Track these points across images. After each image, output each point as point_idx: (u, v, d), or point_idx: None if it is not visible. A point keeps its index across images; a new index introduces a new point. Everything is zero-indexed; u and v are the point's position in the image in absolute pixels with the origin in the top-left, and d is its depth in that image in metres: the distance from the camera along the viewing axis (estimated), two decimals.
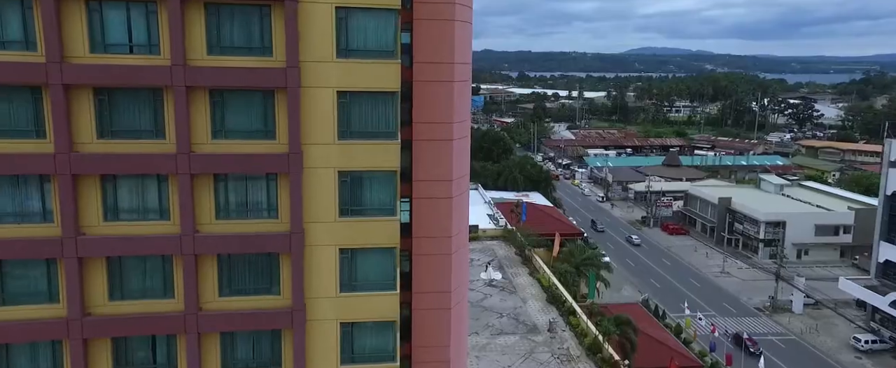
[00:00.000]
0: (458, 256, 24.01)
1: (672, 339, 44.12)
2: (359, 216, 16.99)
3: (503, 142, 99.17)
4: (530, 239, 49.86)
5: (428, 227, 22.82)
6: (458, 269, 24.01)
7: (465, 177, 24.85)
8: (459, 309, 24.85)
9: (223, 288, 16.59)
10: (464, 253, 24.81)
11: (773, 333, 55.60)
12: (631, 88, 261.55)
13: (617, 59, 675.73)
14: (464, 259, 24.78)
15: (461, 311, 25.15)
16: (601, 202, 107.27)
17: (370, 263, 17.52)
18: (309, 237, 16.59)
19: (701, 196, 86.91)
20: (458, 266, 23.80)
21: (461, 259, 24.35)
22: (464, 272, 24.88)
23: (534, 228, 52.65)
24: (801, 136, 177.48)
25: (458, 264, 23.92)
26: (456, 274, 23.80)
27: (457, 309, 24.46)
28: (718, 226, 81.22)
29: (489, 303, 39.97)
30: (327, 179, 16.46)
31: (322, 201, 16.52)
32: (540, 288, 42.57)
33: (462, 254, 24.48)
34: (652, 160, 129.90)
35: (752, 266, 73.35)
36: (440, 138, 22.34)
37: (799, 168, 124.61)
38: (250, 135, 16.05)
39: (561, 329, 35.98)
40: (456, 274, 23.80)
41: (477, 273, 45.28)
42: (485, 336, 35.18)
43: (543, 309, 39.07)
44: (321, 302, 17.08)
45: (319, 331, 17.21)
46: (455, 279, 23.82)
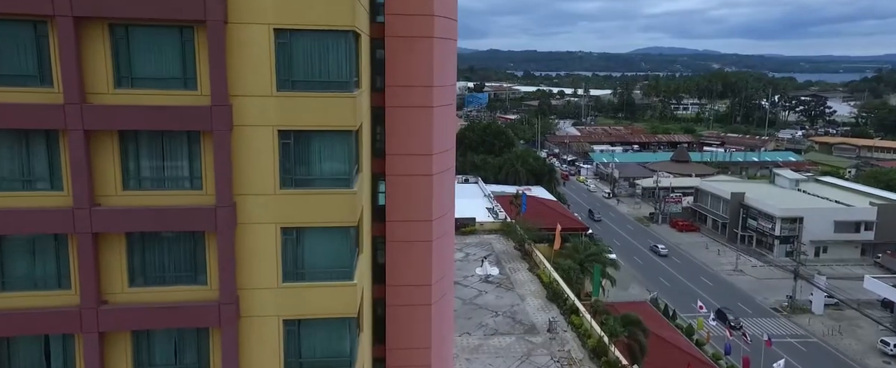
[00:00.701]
0: (441, 243, 20.64)
1: (684, 340, 40.61)
2: (306, 187, 13.64)
3: (505, 136, 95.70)
4: (531, 233, 46.48)
5: (404, 209, 19.54)
6: (441, 258, 20.64)
7: (450, 153, 21.50)
8: (442, 306, 21.47)
9: (134, 276, 13.29)
10: (447, 239, 21.44)
11: (793, 335, 51.90)
12: (637, 86, 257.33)
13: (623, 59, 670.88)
14: (447, 246, 21.40)
15: (444, 308, 21.77)
16: (607, 198, 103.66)
17: (321, 246, 14.15)
18: (242, 212, 13.29)
19: (712, 191, 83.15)
20: (440, 254, 20.45)
21: (444, 246, 20.98)
22: (447, 262, 21.51)
23: (535, 221, 49.25)
24: (813, 133, 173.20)
25: (441, 252, 20.56)
26: (438, 264, 20.43)
27: (439, 306, 21.08)
28: (731, 223, 77.46)
29: (484, 301, 36.63)
30: (264, 139, 13.17)
31: (258, 167, 13.20)
32: (540, 284, 39.19)
33: (445, 241, 21.11)
34: (659, 156, 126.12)
35: (767, 264, 69.56)
36: (418, 105, 19.07)
37: (812, 164, 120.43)
38: (165, 85, 12.81)
39: (562, 330, 32.61)
40: (438, 264, 20.43)
41: (472, 268, 41.95)
42: (477, 337, 31.84)
43: (543, 308, 35.69)
44: (259, 295, 13.76)
45: (257, 330, 13.89)
46: (437, 270, 20.46)
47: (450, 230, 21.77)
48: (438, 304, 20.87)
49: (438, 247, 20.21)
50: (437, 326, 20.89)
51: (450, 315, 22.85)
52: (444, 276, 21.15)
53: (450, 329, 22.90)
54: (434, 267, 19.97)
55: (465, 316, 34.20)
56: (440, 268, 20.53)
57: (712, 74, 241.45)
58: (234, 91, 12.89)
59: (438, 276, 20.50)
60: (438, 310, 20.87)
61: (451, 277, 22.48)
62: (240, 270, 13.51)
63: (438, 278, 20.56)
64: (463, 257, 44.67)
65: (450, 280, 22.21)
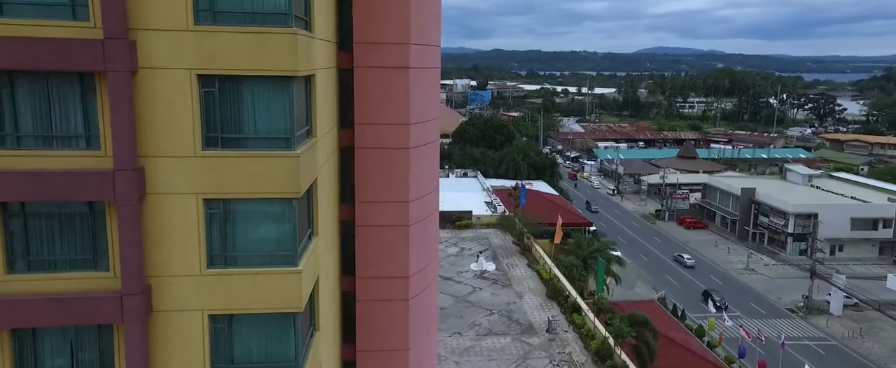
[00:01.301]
0: (421, 229, 17.77)
1: (695, 342, 37.64)
2: (235, 149, 10.85)
3: (506, 130, 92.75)
4: (530, 227, 43.59)
5: (375, 188, 16.74)
6: (421, 247, 17.78)
7: (431, 124, 18.63)
8: (423, 302, 18.58)
9: (14, 261, 10.51)
10: (429, 225, 18.57)
11: (810, 337, 48.79)
12: (643, 85, 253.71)
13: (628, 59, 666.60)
14: (429, 233, 18.53)
15: (426, 304, 18.89)
16: (611, 195, 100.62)
17: (257, 223, 11.32)
18: (153, 179, 10.51)
19: (721, 187, 79.97)
20: (420, 242, 17.59)
21: (425, 233, 18.11)
22: (428, 251, 18.64)
23: (534, 214, 46.33)
24: (823, 131, 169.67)
25: (421, 240, 17.69)
26: (417, 253, 17.57)
27: (419, 302, 18.19)
28: (741, 220, 74.30)
29: (478, 298, 33.76)
30: (180, 86, 10.37)
31: (173, 122, 10.40)
32: (539, 280, 36.29)
33: (426, 227, 18.25)
34: (665, 153, 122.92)
35: (780, 262, 66.38)
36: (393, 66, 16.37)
37: (823, 161, 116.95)
38: (49, 13, 10.00)
39: (562, 330, 29.71)
40: (417, 253, 17.57)
41: (467, 263, 39.10)
42: (469, 338, 28.96)
43: (542, 306, 32.79)
44: (177, 284, 10.94)
45: (175, 328, 11.07)
46: (416, 260, 17.60)
47: (432, 214, 18.88)
48: (418, 300, 18.01)
49: (418, 234, 17.37)
50: (416, 325, 18.05)
51: (433, 313, 19.98)
52: (425, 268, 18.30)
53: (432, 329, 20.03)
54: (412, 257, 17.13)
55: (456, 315, 31.37)
56: (420, 258, 17.68)
57: (719, 71, 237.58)
58: (137, 22, 10.09)
59: (418, 267, 17.65)
60: (418, 307, 18.02)
61: (433, 269, 19.60)
62: (151, 253, 10.70)
63: (418, 269, 17.70)
64: (457, 252, 41.83)
65: (432, 272, 19.33)
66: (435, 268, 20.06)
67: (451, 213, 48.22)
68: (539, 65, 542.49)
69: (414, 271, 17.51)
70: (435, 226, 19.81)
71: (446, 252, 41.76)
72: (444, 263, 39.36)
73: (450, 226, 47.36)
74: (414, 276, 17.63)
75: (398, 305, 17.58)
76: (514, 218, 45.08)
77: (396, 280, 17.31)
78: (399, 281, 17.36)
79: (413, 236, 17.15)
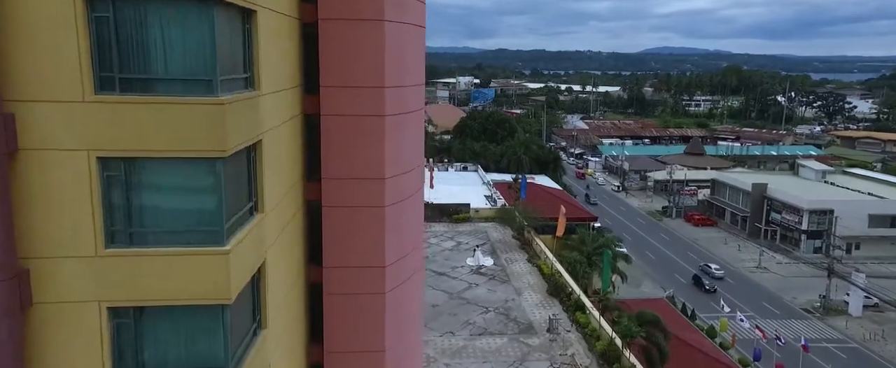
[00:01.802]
0: (399, 211, 15.25)
1: (708, 343, 35.05)
2: (139, 93, 8.39)
3: (508, 124, 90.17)
4: (531, 220, 41.06)
5: (345, 163, 14.35)
6: (399, 232, 15.27)
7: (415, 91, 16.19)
8: (404, 295, 16.06)
9: None
10: (410, 207, 16.05)
11: (829, 339, 46.03)
12: (648, 83, 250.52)
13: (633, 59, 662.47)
14: (409, 216, 16.01)
15: (407, 298, 16.37)
16: (616, 191, 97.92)
17: (170, 191, 8.88)
18: (28, 130, 8.08)
19: (731, 183, 77.16)
20: (397, 226, 15.09)
21: (406, 215, 15.59)
22: (410, 236, 16.13)
23: (536, 206, 43.79)
24: (832, 129, 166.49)
25: (399, 223, 15.18)
26: (396, 238, 15.07)
27: (399, 295, 15.68)
28: (752, 216, 71.47)
29: (473, 294, 31.25)
30: (59, 8, 7.93)
31: (54, 53, 7.98)
32: (540, 276, 33.77)
33: (407, 209, 15.74)
34: (672, 149, 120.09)
35: (794, 260, 63.56)
36: None
37: (835, 159, 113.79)
38: None
39: (564, 330, 27.18)
40: (396, 238, 15.07)
41: (463, 258, 36.60)
42: (462, 337, 26.45)
43: (543, 303, 30.27)
44: (64, 268, 8.49)
45: (63, 324, 8.63)
46: (393, 246, 15.11)
47: (415, 195, 16.35)
48: (397, 293, 15.50)
49: (396, 216, 14.87)
50: (395, 322, 15.56)
51: (416, 309, 17.45)
52: (405, 256, 15.78)
53: (415, 327, 17.50)
54: (389, 243, 14.64)
55: (448, 312, 28.88)
56: (399, 245, 15.18)
57: (726, 69, 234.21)
58: None
59: (396, 255, 15.14)
60: (397, 301, 15.52)
61: (417, 258, 17.06)
62: (27, 227, 8.27)
63: (397, 258, 15.20)
64: (453, 246, 39.34)
65: (415, 262, 16.78)
66: (419, 258, 17.55)
67: (447, 206, 45.78)
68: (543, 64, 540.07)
69: (391, 259, 15.01)
70: (418, 209, 17.28)
71: (441, 246, 39.29)
72: (439, 258, 36.89)
73: (447, 220, 44.91)
74: (392, 266, 15.13)
75: (373, 299, 15.09)
76: (514, 211, 42.52)
77: (370, 270, 14.82)
78: (373, 272, 14.88)
79: (390, 219, 14.65)
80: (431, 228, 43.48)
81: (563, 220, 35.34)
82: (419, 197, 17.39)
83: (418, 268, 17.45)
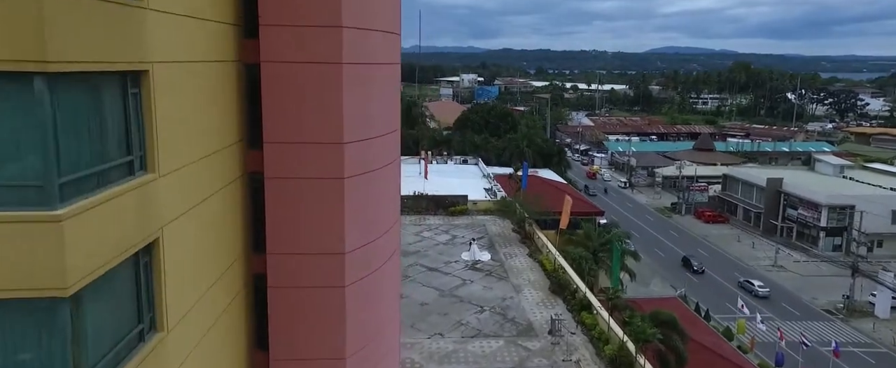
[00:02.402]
0: (364, 185, 12.26)
1: (728, 348, 31.87)
2: None
3: (511, 118, 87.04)
4: (532, 212, 38.01)
5: (291, 123, 11.40)
6: (363, 210, 12.22)
7: (391, 38, 13.30)
8: (370, 290, 13.00)
9: None
10: (380, 180, 13.07)
11: (855, 343, 42.70)
12: (654, 82, 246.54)
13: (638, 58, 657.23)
14: (378, 191, 12.99)
15: (374, 294, 13.32)
16: (623, 188, 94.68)
17: None
18: None
19: (744, 178, 73.79)
20: (361, 202, 12.03)
21: (371, 190, 12.57)
22: (378, 217, 13.09)
23: (539, 198, 40.70)
24: (845, 126, 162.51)
25: (363, 199, 12.18)
26: (359, 218, 12.08)
27: (362, 290, 12.63)
28: (766, 212, 68.11)
29: (467, 292, 28.23)
30: None
31: None
32: (541, 272, 30.74)
33: (375, 184, 12.74)
34: (680, 145, 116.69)
35: (812, 258, 60.18)
36: None
37: (850, 155, 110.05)
38: None
39: (569, 331, 24.13)
40: (359, 218, 12.08)
41: (458, 253, 33.61)
42: (452, 340, 23.44)
43: (544, 302, 27.24)
44: None
45: None
46: (356, 230, 12.16)
47: (387, 166, 13.33)
48: (362, 287, 12.48)
49: (360, 191, 11.87)
50: (358, 323, 12.56)
51: (388, 307, 14.42)
52: (373, 241, 12.77)
53: (387, 329, 14.46)
54: (350, 224, 11.65)
55: (438, 312, 25.88)
56: (365, 227, 12.18)
57: (735, 65, 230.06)
58: None
59: (360, 240, 12.14)
60: (362, 297, 12.51)
61: (390, 244, 14.01)
62: None
63: (360, 243, 12.19)
64: (448, 240, 36.35)
65: (387, 248, 13.74)
66: (393, 244, 14.52)
67: (443, 198, 42.81)
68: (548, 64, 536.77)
69: (353, 245, 12.03)
70: (392, 185, 14.26)
71: (435, 240, 36.31)
72: (432, 253, 33.92)
73: (442, 213, 41.94)
74: (354, 254, 12.14)
75: (329, 295, 12.12)
76: (515, 203, 39.43)
77: (325, 258, 11.86)
78: (329, 261, 11.91)
79: (352, 194, 11.68)
80: (426, 221, 40.53)
81: (568, 211, 32.31)
82: (393, 170, 14.36)
83: (392, 258, 14.44)
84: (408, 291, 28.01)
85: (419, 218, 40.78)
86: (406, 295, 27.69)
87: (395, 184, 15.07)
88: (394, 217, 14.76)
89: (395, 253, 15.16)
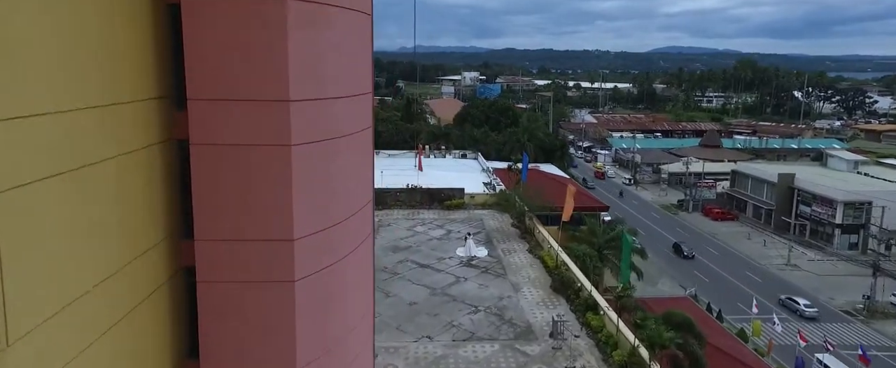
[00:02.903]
0: (321, 155, 9.60)
1: (749, 353, 29.26)
2: None
3: (512, 112, 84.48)
4: (533, 205, 35.49)
5: (221, 73, 8.75)
6: (321, 186, 9.63)
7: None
8: (329, 286, 10.25)
9: None
10: (343, 151, 10.45)
11: (879, 347, 40.00)
12: (658, 80, 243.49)
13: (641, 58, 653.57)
14: (342, 163, 10.38)
15: (336, 291, 10.62)
16: (628, 185, 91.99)
17: None
18: None
19: (754, 174, 71.09)
20: (316, 176, 9.51)
21: (330, 161, 9.95)
22: (342, 195, 10.51)
23: (540, 186, 38.16)
24: (853, 123, 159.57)
25: (319, 172, 9.55)
26: (311, 196, 9.50)
27: (318, 286, 9.81)
28: (778, 209, 65.40)
29: (461, 290, 25.71)
30: None
31: None
32: (542, 269, 28.21)
33: (336, 154, 10.11)
34: (685, 142, 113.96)
35: (827, 257, 57.49)
36: None
37: (861, 151, 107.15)
38: None
39: (572, 334, 21.59)
40: (311, 196, 9.50)
41: (452, 248, 31.13)
42: (442, 343, 20.93)
43: (545, 301, 24.72)
44: None
45: None
46: (309, 209, 9.47)
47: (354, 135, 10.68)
48: (319, 283, 9.83)
49: (314, 162, 9.28)
50: (313, 326, 9.98)
51: (354, 306, 11.82)
52: (335, 225, 10.17)
53: (348, 333, 11.91)
54: (300, 203, 9.05)
55: (428, 312, 23.38)
56: (322, 207, 9.53)
57: (740, 62, 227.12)
58: None
59: (316, 223, 9.48)
60: (318, 295, 9.87)
61: (358, 230, 11.34)
62: None
63: (314, 228, 9.59)
64: (443, 235, 33.86)
65: (355, 233, 11.05)
66: (363, 229, 11.91)
67: (439, 192, 40.32)
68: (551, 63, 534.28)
69: (306, 230, 9.43)
70: (361, 158, 11.69)
71: (429, 235, 33.83)
72: (424, 248, 31.44)
73: (437, 206, 39.46)
74: (306, 240, 9.50)
75: (274, 291, 9.52)
76: (514, 196, 36.89)
77: (269, 245, 9.28)
78: (274, 249, 9.31)
79: (303, 164, 9.08)
80: (419, 215, 38.04)
81: (572, 201, 29.79)
82: (363, 140, 11.83)
83: (361, 246, 11.87)
84: (396, 290, 25.53)
85: (412, 212, 38.32)
86: (393, 293, 25.22)
87: (367, 158, 12.53)
88: (364, 196, 12.19)
89: (366, 241, 12.60)
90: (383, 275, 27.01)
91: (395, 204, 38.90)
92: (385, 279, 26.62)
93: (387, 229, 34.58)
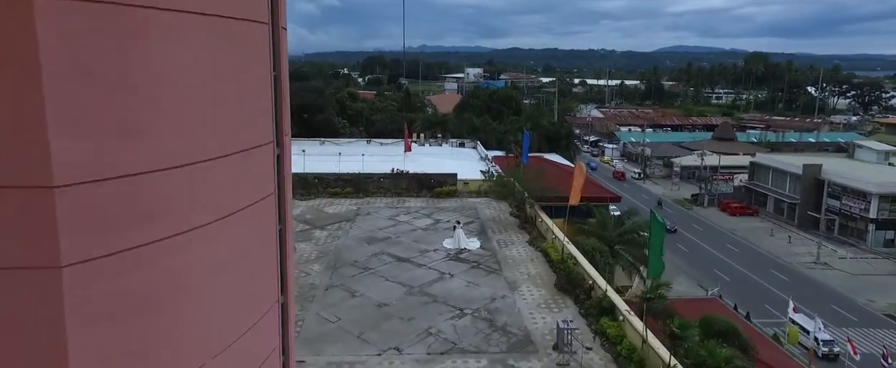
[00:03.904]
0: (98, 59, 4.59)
1: (795, 364, 24.28)
2: None
3: (515, 102, 79.66)
4: (534, 191, 30.60)
5: None
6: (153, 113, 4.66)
7: None
8: (150, 273, 5.48)
9: None
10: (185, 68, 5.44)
11: None
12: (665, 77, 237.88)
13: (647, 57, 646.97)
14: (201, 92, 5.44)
15: (164, 282, 5.83)
16: (637, 179, 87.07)
17: None
18: None
19: (775, 166, 65.93)
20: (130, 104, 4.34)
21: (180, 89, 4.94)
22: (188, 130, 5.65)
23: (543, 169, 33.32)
24: (870, 118, 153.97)
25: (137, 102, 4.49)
26: (79, 102, 4.45)
27: (119, 272, 5.05)
28: (802, 203, 60.24)
29: (444, 289, 20.92)
30: None
31: None
32: (545, 264, 23.42)
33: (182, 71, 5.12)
34: (697, 136, 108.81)
35: (861, 255, 52.36)
36: None
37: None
38: None
39: (583, 346, 16.74)
40: (79, 102, 4.45)
41: (439, 240, 26.39)
42: (413, 358, 16.10)
43: (548, 303, 19.91)
44: None
45: None
46: (78, 135, 4.46)
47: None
48: (120, 268, 4.93)
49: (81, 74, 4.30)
50: (106, 340, 5.04)
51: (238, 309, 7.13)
52: (150, 171, 5.31)
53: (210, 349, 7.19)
54: (53, 116, 4.25)
55: (401, 315, 18.61)
56: (113, 133, 4.79)
57: (752, 56, 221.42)
58: None
59: (100, 165, 4.67)
60: (118, 288, 4.97)
61: (237, 180, 6.52)
62: None
63: (106, 173, 4.72)
64: (429, 225, 29.09)
65: (230, 185, 6.19)
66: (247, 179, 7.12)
67: (428, 177, 35.58)
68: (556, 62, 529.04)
69: (86, 174, 4.49)
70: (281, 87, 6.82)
71: (413, 225, 29.09)
72: (406, 239, 26.69)
73: (426, 194, 34.74)
74: (81, 187, 4.55)
75: (28, 281, 4.53)
76: (513, 181, 32.00)
77: (19, 193, 4.30)
78: (22, 210, 4.30)
79: (63, 89, 4.01)
80: (405, 203, 33.31)
81: (580, 184, 25.07)
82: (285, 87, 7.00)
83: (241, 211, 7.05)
84: (363, 288, 20.78)
85: (397, 200, 33.61)
86: (360, 293, 20.47)
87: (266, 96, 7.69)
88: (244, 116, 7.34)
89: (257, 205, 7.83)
90: (351, 271, 22.28)
91: (377, 192, 34.20)
92: (352, 275, 21.89)
93: (364, 218, 29.86)
